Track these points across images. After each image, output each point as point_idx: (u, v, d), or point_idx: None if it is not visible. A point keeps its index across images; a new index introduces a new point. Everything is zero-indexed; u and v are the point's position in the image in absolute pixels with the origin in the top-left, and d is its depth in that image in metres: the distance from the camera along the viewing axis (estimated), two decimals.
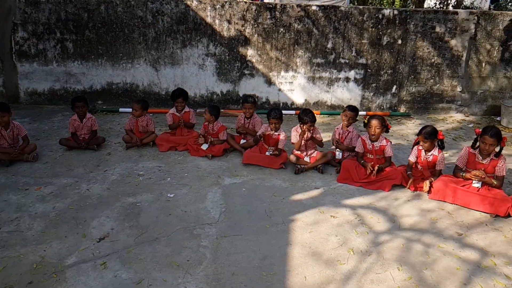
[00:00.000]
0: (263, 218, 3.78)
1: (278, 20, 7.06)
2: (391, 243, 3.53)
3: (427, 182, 4.43)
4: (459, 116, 7.79)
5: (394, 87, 7.61)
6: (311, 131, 4.91)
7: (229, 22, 7.04)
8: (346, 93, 7.53)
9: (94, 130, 5.29)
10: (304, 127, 4.79)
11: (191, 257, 3.15)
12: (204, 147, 5.22)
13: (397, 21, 7.23)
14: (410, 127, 6.95)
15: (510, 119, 7.25)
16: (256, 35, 7.12)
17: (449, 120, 7.58)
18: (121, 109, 7.06)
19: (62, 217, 3.65)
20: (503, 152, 4.38)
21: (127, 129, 5.44)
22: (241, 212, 3.88)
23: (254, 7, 6.98)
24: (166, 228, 3.51)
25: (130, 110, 6.20)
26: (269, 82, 7.41)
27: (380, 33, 7.25)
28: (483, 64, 7.62)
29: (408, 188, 4.54)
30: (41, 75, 7.15)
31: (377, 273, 3.10)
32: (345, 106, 5.97)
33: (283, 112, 5.56)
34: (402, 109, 7.74)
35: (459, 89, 7.73)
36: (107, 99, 7.33)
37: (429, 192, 4.41)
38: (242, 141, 5.44)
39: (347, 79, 7.47)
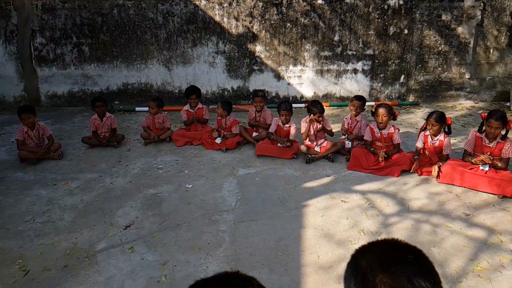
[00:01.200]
0: (277, 205, 3.99)
1: (285, 15, 7.23)
2: (400, 224, 3.70)
3: (436, 167, 4.56)
4: (468, 103, 7.85)
5: (402, 76, 7.72)
6: (320, 122, 5.09)
7: (237, 19, 7.25)
8: (354, 84, 7.67)
9: (114, 128, 5.57)
10: (313, 116, 4.97)
11: (211, 240, 3.38)
12: (218, 140, 5.45)
13: (402, 11, 7.33)
14: (419, 116, 7.06)
15: None
16: (263, 31, 7.31)
17: (458, 107, 7.66)
18: (137, 108, 7.34)
19: (90, 208, 3.93)
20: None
21: (144, 126, 5.71)
22: (256, 199, 4.09)
23: (260, 4, 7.16)
24: (187, 215, 3.75)
25: (146, 109, 6.47)
26: (278, 77, 7.60)
27: (386, 23, 7.37)
28: (491, 50, 7.67)
29: (414, 171, 4.68)
30: (60, 78, 7.48)
31: None
32: None
33: (294, 105, 5.75)
34: (411, 98, 7.85)
35: (467, 76, 7.79)
36: (123, 99, 7.61)
37: (437, 177, 4.55)
38: (254, 134, 5.65)
39: (355, 71, 7.61)
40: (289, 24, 7.28)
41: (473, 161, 4.44)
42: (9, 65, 7.34)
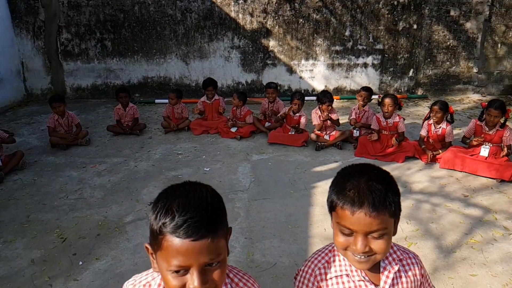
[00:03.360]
0: (288, 186, 4.32)
1: (298, 11, 7.53)
2: (402, 203, 3.95)
3: (430, 152, 4.89)
4: (475, 97, 8.04)
5: (411, 70, 7.95)
6: (329, 111, 5.40)
7: (251, 15, 7.58)
8: (364, 78, 7.93)
9: (136, 117, 5.96)
10: (323, 106, 5.28)
11: (228, 215, 3.72)
12: (233, 129, 5.80)
13: (412, 7, 7.56)
14: (426, 108, 7.29)
15: None
16: (277, 27, 7.63)
17: (466, 100, 7.85)
18: (156, 101, 7.74)
19: (117, 187, 4.32)
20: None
21: (164, 116, 6.09)
22: (268, 181, 4.43)
23: (274, 0, 7.48)
24: None
25: (165, 101, 6.85)
26: (291, 71, 7.91)
27: (396, 19, 7.60)
28: (499, 45, 7.84)
29: (430, 161, 4.90)
30: (84, 72, 7.93)
31: None
32: None
33: (306, 98, 6.07)
34: (420, 92, 8.07)
35: (475, 70, 7.98)
36: (143, 92, 8.03)
37: (428, 161, 4.83)
38: (267, 124, 5.98)
39: (365, 65, 7.87)
40: (301, 20, 7.58)
41: (471, 143, 4.70)
42: (37, 59, 7.82)
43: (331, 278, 1.22)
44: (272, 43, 7.73)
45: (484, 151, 4.67)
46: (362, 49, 7.76)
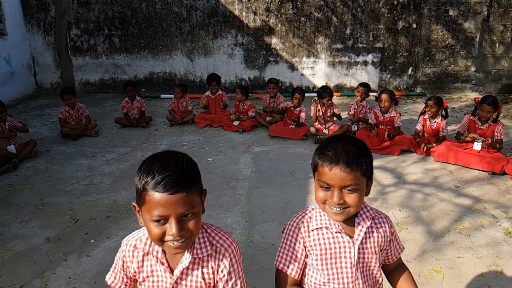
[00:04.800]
0: (287, 175, 4.53)
1: (300, 10, 7.75)
2: (395, 192, 4.20)
3: (423, 145, 5.10)
4: (473, 95, 8.22)
5: (410, 68, 8.15)
6: (329, 105, 5.61)
7: (255, 13, 7.80)
8: (364, 75, 8.13)
9: (143, 110, 6.21)
10: (323, 100, 5.50)
11: (229, 201, 3.95)
12: (236, 123, 6.02)
13: (411, 6, 7.75)
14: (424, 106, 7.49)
15: None
16: (279, 25, 7.85)
17: (464, 98, 8.04)
18: (162, 95, 7.99)
19: (125, 174, 4.55)
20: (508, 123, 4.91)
21: (170, 109, 6.33)
22: (268, 171, 4.65)
23: None
24: (208, 182, 4.32)
25: (170, 96, 7.09)
26: (292, 68, 8.13)
27: (396, 18, 7.81)
28: (497, 44, 8.02)
29: (422, 153, 5.12)
30: (93, 67, 8.20)
31: None
32: None
33: (307, 94, 6.31)
34: (418, 89, 8.27)
35: (473, 69, 8.16)
36: (149, 87, 8.28)
37: (423, 151, 5.04)
38: (268, 118, 6.20)
39: (365, 63, 8.08)
40: (303, 18, 7.80)
41: (465, 139, 4.90)
42: (47, 55, 8.10)
43: (312, 230, 1.43)
44: (274, 41, 7.95)
45: (477, 145, 4.86)
46: (362, 47, 7.97)
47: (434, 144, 5.12)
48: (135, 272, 1.37)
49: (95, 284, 2.83)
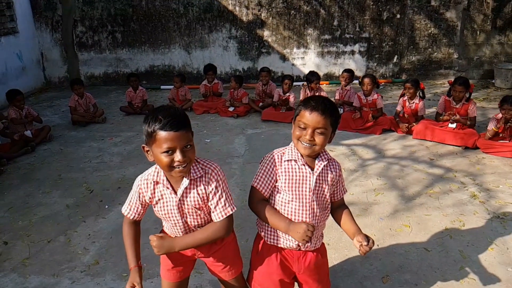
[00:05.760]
0: None
1: (289, 3, 8.24)
2: (374, 165, 4.70)
3: (404, 125, 5.59)
4: None
5: (395, 57, 8.64)
6: (317, 89, 6.11)
7: (247, 8, 8.30)
8: (352, 64, 8.62)
9: (145, 99, 6.72)
10: (311, 84, 6.00)
11: (225, 174, 4.41)
12: (231, 109, 6.54)
13: None
14: None
15: (502, 80, 8.15)
16: (271, 18, 8.34)
17: (447, 84, 8.51)
18: (162, 87, 8.52)
19: (132, 154, 5.08)
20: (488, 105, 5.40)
21: (170, 98, 6.85)
22: (260, 149, 5.16)
23: None
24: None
25: (169, 87, 7.60)
26: (284, 58, 8.64)
27: (380, 9, 8.28)
28: (478, 32, 8.48)
29: (405, 132, 5.58)
30: (97, 61, 8.74)
31: (360, 181, 4.28)
32: None
33: (298, 83, 6.86)
34: (404, 77, 8.74)
35: (455, 56, 8.64)
36: (150, 79, 8.81)
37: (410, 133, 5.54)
38: (260, 105, 6.70)
39: (352, 52, 8.57)
40: (293, 11, 8.29)
41: (443, 118, 5.39)
42: (55, 50, 8.64)
43: (284, 161, 1.90)
44: (266, 33, 8.45)
45: (452, 123, 5.35)
46: (349, 38, 8.46)
47: (414, 124, 5.59)
48: (149, 198, 1.84)
49: (111, 239, 3.35)
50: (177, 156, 1.64)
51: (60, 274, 2.93)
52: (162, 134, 1.60)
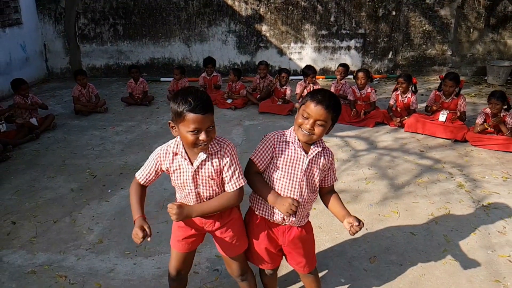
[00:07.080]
0: None
1: None
2: (366, 156, 4.90)
3: (398, 119, 5.79)
4: None
5: (390, 53, 8.83)
6: (314, 83, 6.29)
7: (246, 3, 8.46)
8: (348, 59, 8.80)
9: (146, 90, 6.90)
10: (308, 78, 6.19)
11: None
12: (229, 101, 6.72)
13: None
14: None
15: (494, 77, 8.35)
16: (269, 13, 8.51)
17: (440, 80, 8.71)
18: (162, 79, 8.70)
19: (133, 143, 5.27)
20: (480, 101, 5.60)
21: (170, 89, 7.02)
22: (257, 140, 5.34)
23: None
24: None
25: (169, 79, 7.78)
26: (281, 53, 8.82)
27: (376, 6, 8.46)
28: (471, 30, 8.67)
29: (398, 125, 5.77)
30: (99, 53, 8.90)
31: (352, 170, 4.49)
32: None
33: (294, 77, 7.16)
34: (398, 72, 8.91)
35: (449, 52, 8.83)
36: (150, 71, 8.98)
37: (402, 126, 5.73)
38: (258, 97, 6.89)
39: (348, 48, 8.76)
40: (291, 7, 8.46)
41: (433, 108, 5.58)
42: (58, 42, 8.80)
43: (283, 142, 2.07)
44: (264, 28, 8.63)
45: (442, 116, 5.53)
46: (345, 33, 8.64)
47: (406, 117, 5.79)
48: (167, 168, 2.03)
49: (114, 220, 3.55)
50: (202, 135, 1.81)
51: (66, 252, 3.12)
52: (191, 115, 1.77)
